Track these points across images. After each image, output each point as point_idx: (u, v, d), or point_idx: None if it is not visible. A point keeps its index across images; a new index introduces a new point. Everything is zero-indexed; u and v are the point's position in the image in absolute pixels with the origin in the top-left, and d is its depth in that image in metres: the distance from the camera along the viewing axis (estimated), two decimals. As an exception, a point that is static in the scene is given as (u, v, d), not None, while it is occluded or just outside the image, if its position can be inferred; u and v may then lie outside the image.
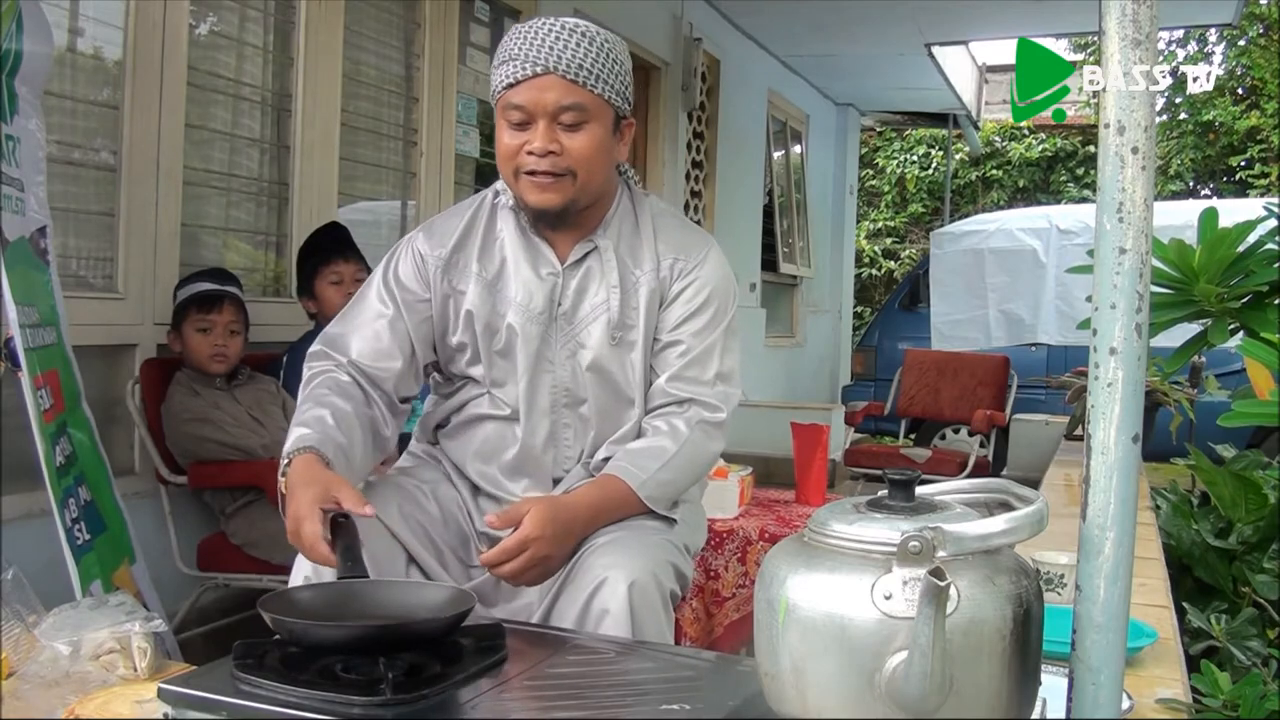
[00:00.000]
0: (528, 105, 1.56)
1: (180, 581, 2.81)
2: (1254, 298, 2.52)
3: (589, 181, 1.61)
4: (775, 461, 5.45)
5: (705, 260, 1.72)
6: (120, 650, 1.46)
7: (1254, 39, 12.23)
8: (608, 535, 1.57)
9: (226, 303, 2.82)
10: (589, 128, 1.58)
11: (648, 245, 1.71)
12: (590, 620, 1.48)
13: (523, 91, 1.56)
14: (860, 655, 0.89)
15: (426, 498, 1.72)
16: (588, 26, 1.59)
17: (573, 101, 1.56)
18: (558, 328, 1.68)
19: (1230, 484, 2.42)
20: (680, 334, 1.70)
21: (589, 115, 1.57)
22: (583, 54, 1.56)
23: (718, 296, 1.72)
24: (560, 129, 1.57)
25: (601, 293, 1.68)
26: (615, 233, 1.70)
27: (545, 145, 1.56)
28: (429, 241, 1.72)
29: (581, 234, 1.69)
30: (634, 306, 1.68)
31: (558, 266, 1.68)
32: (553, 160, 1.57)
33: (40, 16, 2.25)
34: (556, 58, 1.55)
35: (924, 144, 14.21)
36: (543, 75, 1.55)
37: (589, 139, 1.58)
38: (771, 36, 7.25)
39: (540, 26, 1.57)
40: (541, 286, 1.67)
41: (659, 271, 1.69)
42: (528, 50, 1.55)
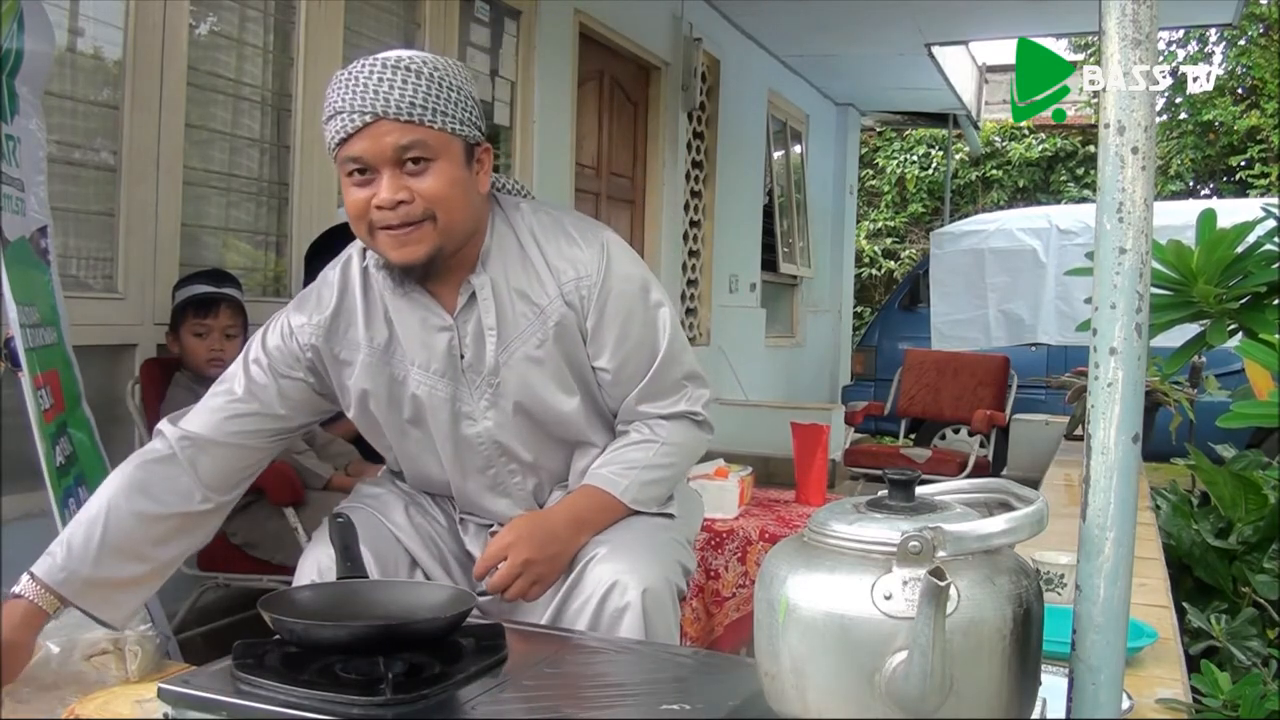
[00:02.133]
0: (366, 156, 1.43)
1: (180, 581, 2.80)
2: (1253, 298, 2.52)
3: (451, 223, 1.47)
4: (775, 461, 5.45)
5: (608, 266, 1.58)
6: (114, 652, 1.46)
7: (1254, 39, 12.23)
8: (610, 542, 1.55)
9: (223, 306, 2.79)
10: (436, 166, 1.45)
11: (540, 271, 1.58)
12: (603, 626, 1.47)
13: (358, 143, 1.43)
14: (860, 655, 0.89)
15: (431, 504, 1.71)
16: (412, 59, 1.46)
17: (411, 140, 1.43)
18: (467, 380, 1.58)
19: (1230, 484, 2.42)
20: (627, 355, 1.60)
21: (433, 152, 1.44)
22: (411, 90, 1.43)
23: (639, 297, 1.61)
24: (406, 175, 1.44)
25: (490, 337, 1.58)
26: (499, 264, 1.57)
27: (393, 196, 1.43)
28: (300, 312, 1.61)
29: (463, 275, 1.55)
30: (543, 340, 1.57)
31: (448, 319, 1.56)
32: (405, 210, 1.44)
33: (41, 16, 2.25)
34: (384, 101, 1.42)
35: (924, 144, 14.21)
36: (374, 123, 1.42)
37: (439, 178, 1.45)
38: (771, 36, 7.25)
39: (360, 71, 1.44)
40: (435, 343, 1.56)
41: (564, 297, 1.57)
42: (352, 99, 1.43)
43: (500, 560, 1.53)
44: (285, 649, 1.15)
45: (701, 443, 1.70)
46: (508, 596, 1.54)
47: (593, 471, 1.62)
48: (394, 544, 1.61)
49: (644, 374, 1.61)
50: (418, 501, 1.70)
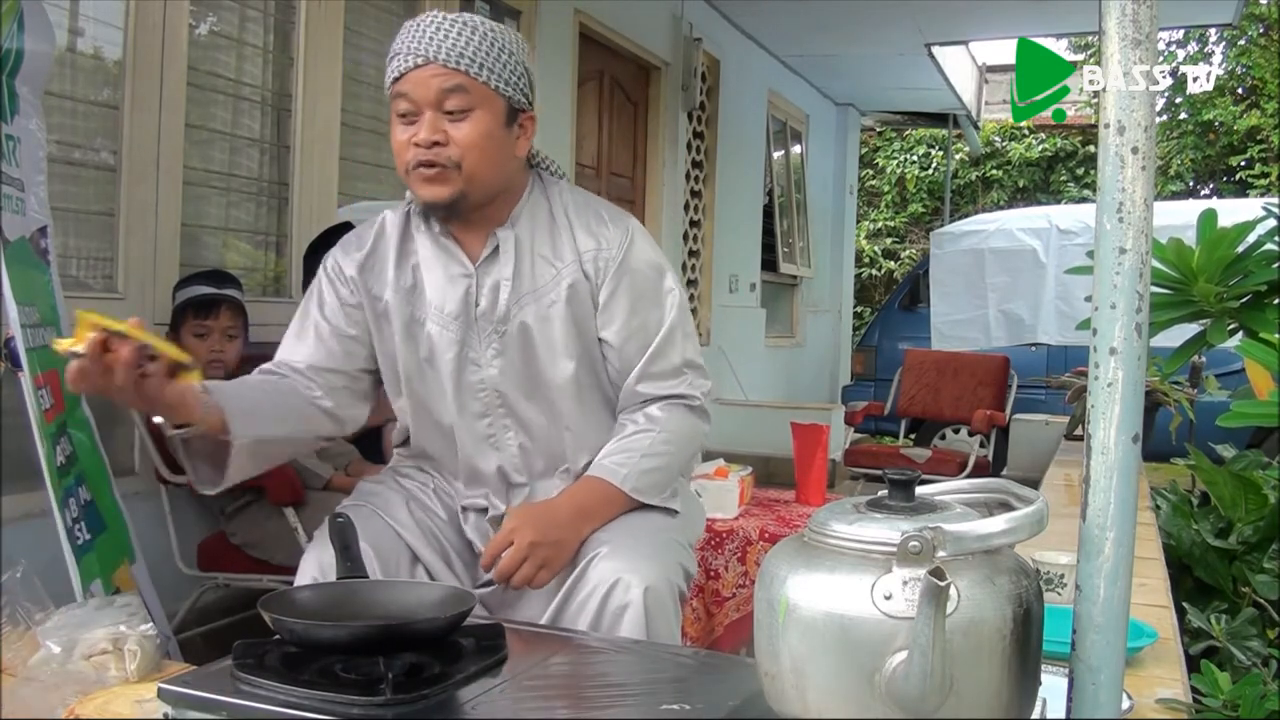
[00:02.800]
0: (411, 94, 1.55)
1: (180, 581, 2.81)
2: (1253, 298, 2.52)
3: (476, 173, 1.56)
4: (775, 461, 5.46)
5: (630, 246, 1.66)
6: (113, 651, 1.46)
7: (1254, 39, 12.23)
8: (612, 540, 1.55)
9: (224, 307, 2.80)
10: (474, 115, 1.55)
11: (565, 237, 1.67)
12: (605, 625, 1.47)
13: (406, 83, 1.55)
14: (860, 655, 0.89)
15: (432, 499, 1.72)
16: (473, 18, 1.58)
17: (454, 84, 1.53)
18: (479, 328, 1.65)
19: (1230, 484, 2.42)
20: (632, 336, 1.66)
21: (473, 102, 1.55)
22: (464, 42, 1.55)
23: (653, 280, 1.68)
24: (446, 119, 1.55)
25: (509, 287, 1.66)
26: (527, 225, 1.66)
27: (429, 135, 1.54)
28: (343, 254, 1.71)
29: (490, 229, 1.65)
30: (554, 301, 1.64)
31: (469, 266, 1.65)
32: (437, 151, 1.54)
33: (42, 16, 2.24)
34: (437, 46, 1.54)
35: (924, 144, 14.21)
36: (424, 65, 1.54)
37: (474, 127, 1.55)
38: (771, 36, 7.25)
39: (424, 20, 1.58)
40: (454, 289, 1.65)
41: (581, 264, 1.65)
42: (410, 43, 1.56)
43: (506, 547, 1.54)
44: (285, 649, 1.14)
45: (699, 431, 1.71)
46: (514, 582, 1.54)
47: (595, 463, 1.65)
48: (395, 540, 1.61)
49: (648, 349, 1.66)
50: (418, 498, 1.71)
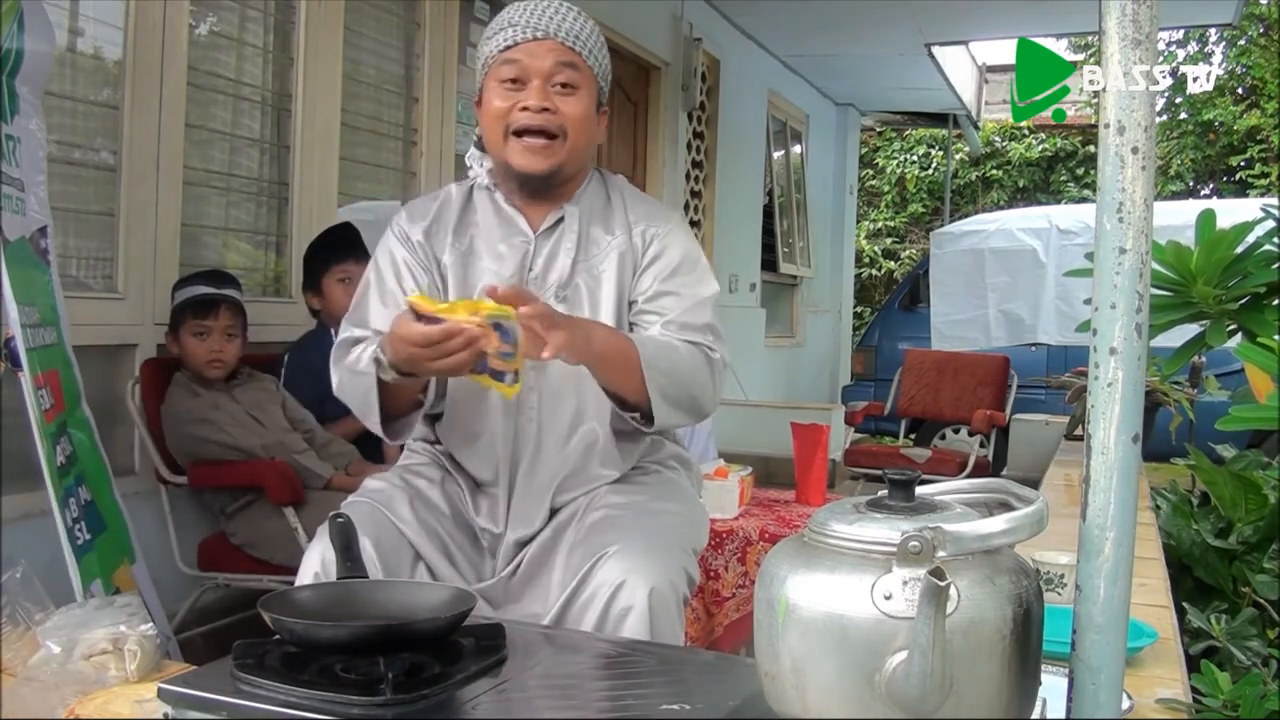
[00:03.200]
0: (524, 61, 1.63)
1: (180, 581, 2.81)
2: (1252, 299, 2.52)
3: (575, 147, 1.67)
4: (775, 461, 5.46)
5: (673, 227, 1.77)
6: (113, 651, 1.45)
7: (1254, 39, 12.23)
8: (620, 540, 1.55)
9: (223, 307, 2.79)
10: (580, 94, 1.65)
11: (618, 214, 1.77)
12: (609, 625, 1.48)
13: (519, 51, 1.63)
14: (860, 655, 0.89)
15: (438, 496, 1.72)
16: (580, 10, 1.69)
17: (568, 60, 1.63)
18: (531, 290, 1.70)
19: (1230, 484, 2.42)
20: (661, 295, 1.72)
21: (581, 81, 1.65)
22: (579, 26, 1.66)
23: (691, 259, 1.75)
24: (554, 92, 1.63)
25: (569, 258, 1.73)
26: (588, 204, 1.76)
27: (540, 102, 1.61)
28: (409, 220, 1.77)
29: (555, 204, 1.74)
30: (603, 268, 1.72)
31: (530, 234, 1.73)
32: (547, 118, 1.62)
33: (42, 16, 2.25)
34: (556, 25, 1.64)
35: (924, 144, 14.21)
36: (541, 39, 1.63)
37: (580, 104, 1.65)
38: (771, 36, 7.25)
39: (541, 1, 1.67)
40: (513, 253, 1.72)
41: (630, 237, 1.74)
42: (527, 18, 1.64)
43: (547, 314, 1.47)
44: (285, 649, 1.14)
45: (709, 377, 1.68)
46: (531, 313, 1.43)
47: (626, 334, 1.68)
48: (397, 537, 1.61)
49: (678, 305, 1.70)
50: (424, 495, 1.71)
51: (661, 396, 1.60)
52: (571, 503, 1.71)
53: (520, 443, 1.71)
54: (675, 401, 1.63)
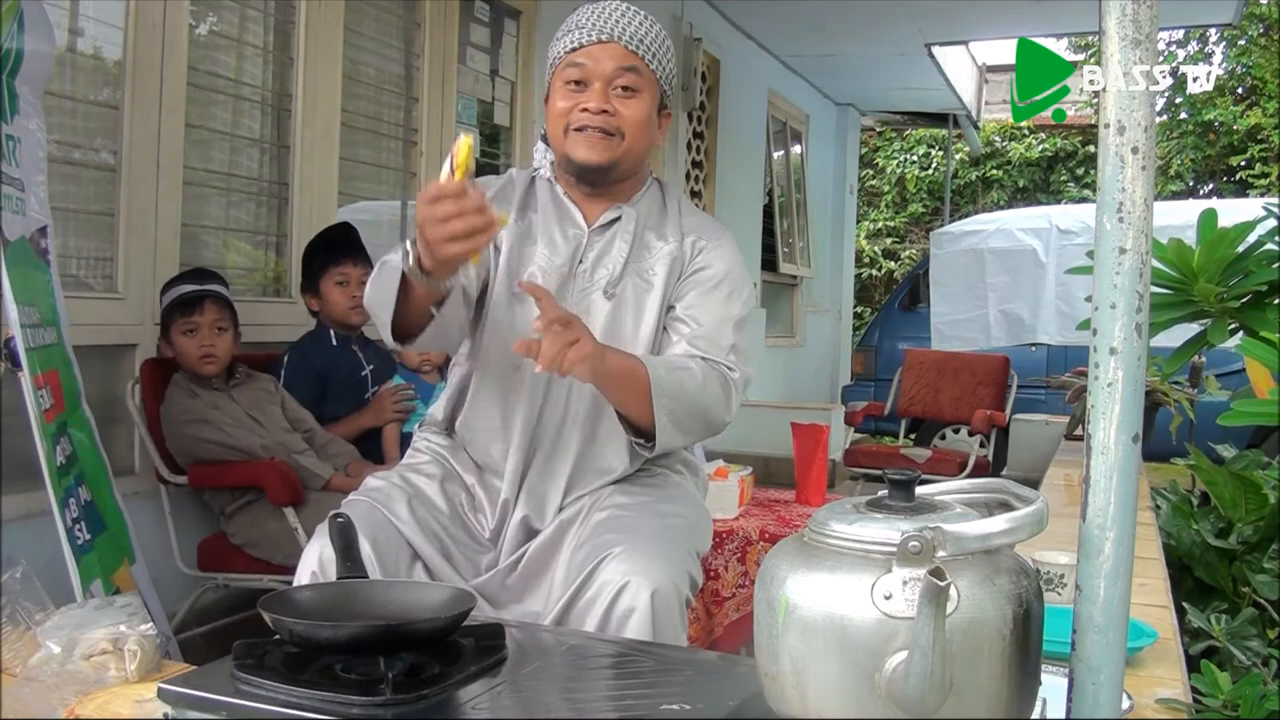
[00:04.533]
0: (587, 65, 1.68)
1: (180, 581, 2.81)
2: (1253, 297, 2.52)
3: (632, 147, 1.72)
4: (775, 461, 5.45)
5: (723, 244, 1.81)
6: (113, 651, 1.45)
7: (1254, 39, 12.23)
8: (625, 541, 1.55)
9: (208, 302, 2.78)
10: (640, 97, 1.70)
11: (672, 222, 1.82)
12: (612, 626, 1.48)
13: (584, 54, 1.69)
14: (860, 655, 0.89)
15: (436, 495, 1.72)
16: (650, 15, 1.75)
17: (630, 65, 1.69)
18: (576, 284, 1.75)
19: (1230, 484, 2.42)
20: (696, 306, 1.75)
21: (642, 85, 1.70)
22: (644, 31, 1.71)
23: (732, 280, 1.79)
24: (615, 95, 1.69)
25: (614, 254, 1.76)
26: (645, 208, 1.81)
27: (600, 104, 1.68)
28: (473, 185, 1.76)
29: (612, 202, 1.79)
30: (654, 272, 1.76)
31: (584, 227, 1.78)
32: (605, 119, 1.68)
33: (42, 16, 2.24)
34: (621, 29, 1.69)
35: (924, 144, 14.21)
36: (606, 42, 1.69)
37: (639, 107, 1.70)
38: (771, 36, 7.25)
39: (609, 5, 1.73)
40: (566, 244, 1.77)
41: (682, 245, 1.79)
42: (594, 21, 1.70)
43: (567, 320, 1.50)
44: (285, 649, 1.14)
45: (724, 396, 1.69)
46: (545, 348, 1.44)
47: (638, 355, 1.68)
48: (395, 535, 1.61)
49: (706, 325, 1.73)
50: (423, 494, 1.72)
51: (669, 419, 1.62)
52: (577, 501, 1.72)
53: (541, 431, 1.73)
54: (684, 424, 1.65)
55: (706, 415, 1.68)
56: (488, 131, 4.61)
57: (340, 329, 3.13)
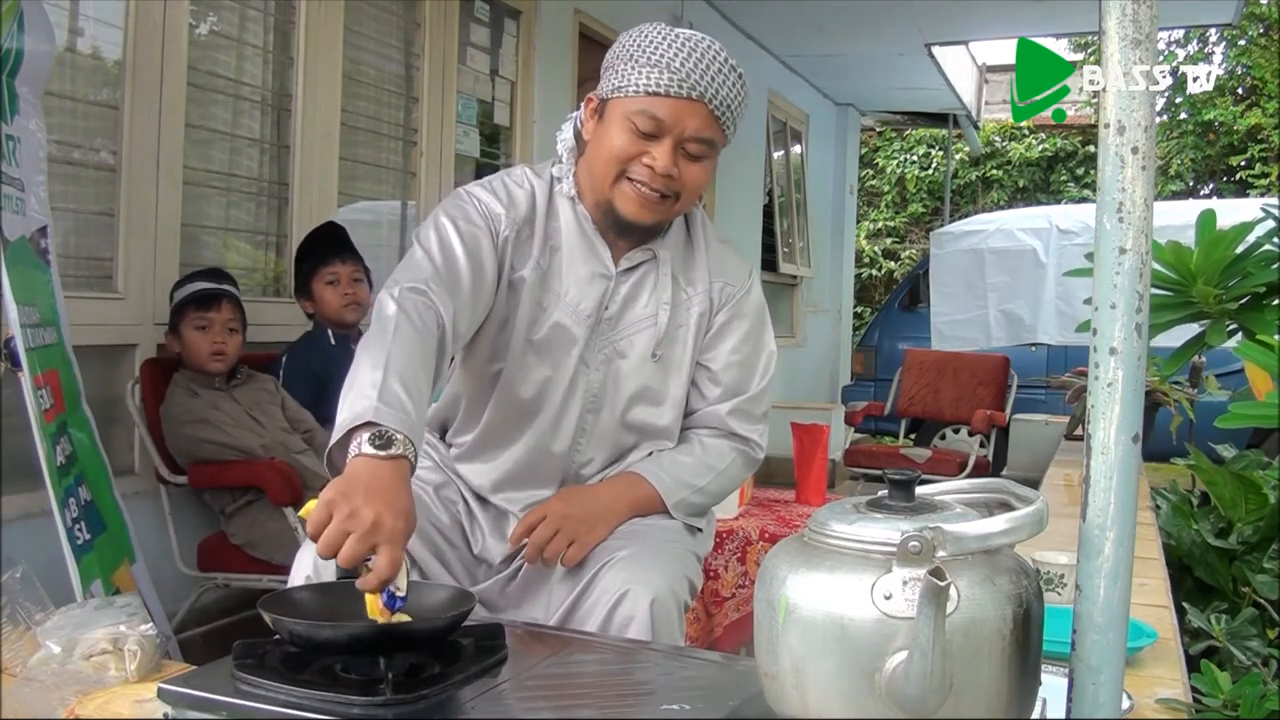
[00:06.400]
0: (667, 121, 1.51)
1: (180, 581, 2.81)
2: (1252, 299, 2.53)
3: (685, 207, 1.63)
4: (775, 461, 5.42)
5: (751, 288, 1.73)
6: (113, 651, 1.45)
7: (1254, 39, 12.23)
8: (627, 548, 1.56)
9: (224, 301, 2.82)
10: (707, 162, 1.57)
11: (700, 263, 1.70)
12: (612, 632, 1.47)
13: (667, 106, 1.51)
14: (860, 655, 0.89)
15: (434, 502, 1.70)
16: (738, 65, 1.58)
17: (708, 136, 1.54)
18: (600, 331, 1.64)
19: (1230, 484, 2.42)
20: (733, 368, 1.71)
21: (713, 151, 1.57)
22: (733, 95, 1.55)
23: (760, 325, 1.74)
24: (682, 155, 1.54)
25: (651, 305, 1.65)
26: (673, 247, 1.69)
27: (668, 167, 1.53)
28: (498, 203, 1.61)
29: (638, 241, 1.65)
30: (681, 324, 1.67)
31: (611, 270, 1.64)
32: (666, 183, 1.54)
33: (42, 16, 2.25)
34: (714, 90, 1.52)
35: (924, 144, 14.21)
36: (695, 101, 1.51)
37: (704, 172, 1.58)
38: (771, 36, 7.25)
39: (701, 46, 1.54)
40: (592, 289, 1.63)
41: (710, 293, 1.69)
42: (686, 68, 1.51)
43: (539, 521, 1.57)
44: (285, 649, 1.14)
45: (745, 477, 1.79)
46: (546, 556, 1.56)
47: (647, 469, 1.67)
48: None
49: (742, 391, 1.71)
50: (420, 499, 1.69)
51: (686, 515, 1.69)
52: None
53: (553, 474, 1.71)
54: (700, 509, 1.72)
55: (723, 494, 1.77)
56: (487, 131, 4.61)
57: (337, 328, 3.13)
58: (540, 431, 1.67)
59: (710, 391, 1.71)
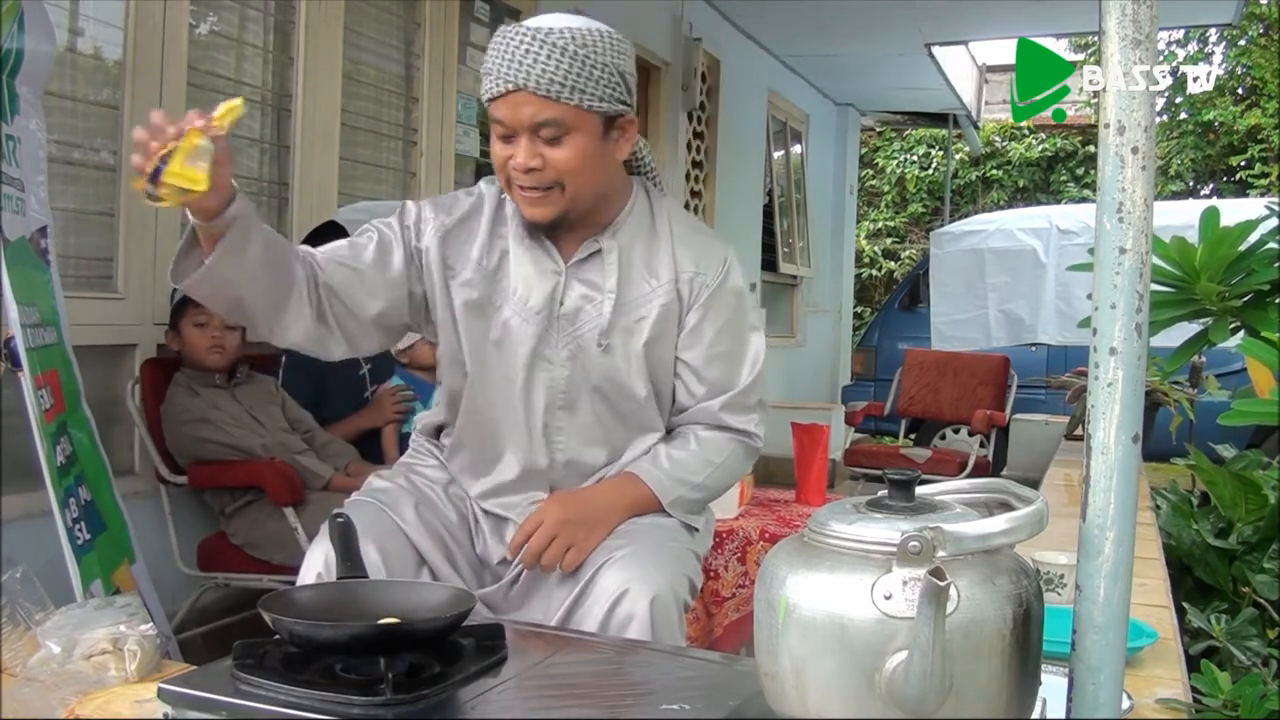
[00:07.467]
0: (507, 120, 1.54)
1: (180, 581, 2.81)
2: (1255, 296, 2.53)
3: (579, 192, 1.57)
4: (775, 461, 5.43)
5: (727, 274, 1.69)
6: (113, 651, 1.45)
7: (1254, 39, 12.23)
8: (626, 547, 1.56)
9: None
10: (570, 139, 1.53)
11: (665, 253, 1.67)
12: (611, 631, 1.48)
13: (501, 107, 1.54)
14: (860, 655, 0.89)
15: (441, 500, 1.71)
16: (563, 32, 1.51)
17: (547, 117, 1.51)
18: (558, 327, 1.64)
19: (1230, 484, 2.41)
20: (718, 361, 1.69)
21: (567, 127, 1.52)
22: (553, 67, 1.49)
23: (741, 311, 1.72)
24: (541, 143, 1.53)
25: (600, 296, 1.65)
26: (629, 235, 1.67)
27: (526, 161, 1.54)
28: (433, 208, 1.69)
29: (589, 233, 1.65)
30: (642, 315, 1.64)
31: (561, 265, 1.65)
32: (536, 175, 1.54)
33: (42, 16, 2.25)
34: (526, 74, 1.50)
35: (924, 144, 14.20)
36: (516, 92, 1.51)
37: (571, 151, 1.54)
38: (771, 36, 7.25)
39: (513, 38, 1.52)
40: (542, 285, 1.64)
41: (677, 283, 1.66)
42: (501, 66, 1.52)
43: (536, 526, 1.58)
44: (285, 649, 1.14)
45: (746, 468, 1.79)
46: (544, 562, 1.57)
47: (643, 468, 1.66)
48: (402, 540, 1.60)
49: (730, 386, 1.70)
50: (429, 498, 1.70)
51: (684, 513, 1.69)
52: None
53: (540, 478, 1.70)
54: (699, 505, 1.72)
55: (724, 487, 1.77)
56: (488, 131, 4.60)
57: (339, 329, 3.12)
58: (513, 430, 1.67)
59: (698, 389, 1.69)
